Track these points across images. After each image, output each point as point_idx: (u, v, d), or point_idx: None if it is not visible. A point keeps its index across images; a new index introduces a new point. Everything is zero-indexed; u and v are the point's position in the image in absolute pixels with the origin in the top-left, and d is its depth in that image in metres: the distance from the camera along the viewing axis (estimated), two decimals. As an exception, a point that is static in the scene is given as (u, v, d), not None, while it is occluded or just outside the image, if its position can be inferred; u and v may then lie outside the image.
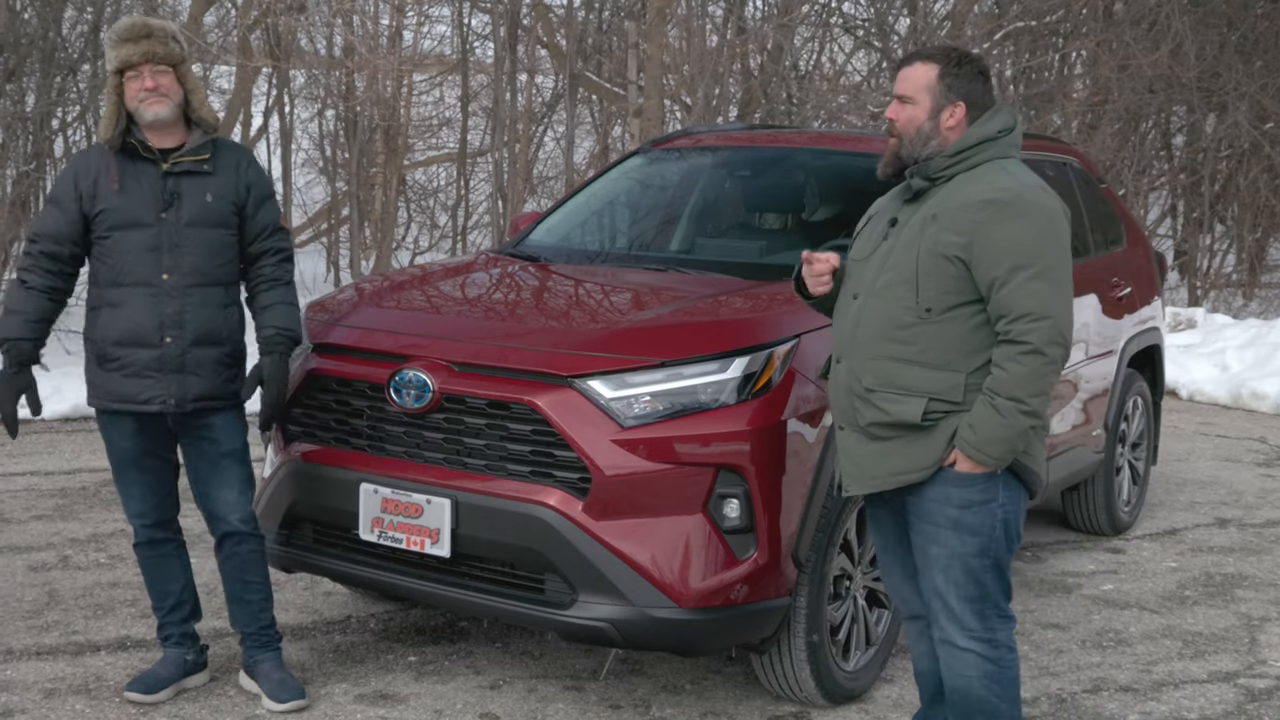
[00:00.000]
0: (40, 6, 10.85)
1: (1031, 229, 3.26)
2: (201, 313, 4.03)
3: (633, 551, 3.83)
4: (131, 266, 4.01)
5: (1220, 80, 13.55)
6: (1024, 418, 3.25)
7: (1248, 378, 10.17)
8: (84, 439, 7.89)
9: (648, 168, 6.00)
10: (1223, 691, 4.60)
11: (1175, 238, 15.20)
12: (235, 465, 4.17)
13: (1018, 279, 3.23)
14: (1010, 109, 3.53)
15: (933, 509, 3.40)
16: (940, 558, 3.42)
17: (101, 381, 4.08)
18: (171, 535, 4.30)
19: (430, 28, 18.66)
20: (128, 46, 3.97)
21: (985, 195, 3.30)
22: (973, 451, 3.29)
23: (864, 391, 3.40)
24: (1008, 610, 3.48)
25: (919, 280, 3.32)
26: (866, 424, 3.42)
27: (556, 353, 3.99)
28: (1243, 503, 7.20)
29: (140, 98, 3.98)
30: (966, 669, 3.45)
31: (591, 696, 4.39)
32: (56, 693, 4.28)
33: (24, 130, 10.99)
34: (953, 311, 3.31)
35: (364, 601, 5.22)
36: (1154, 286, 6.77)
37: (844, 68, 16.03)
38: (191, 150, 4.05)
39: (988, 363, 3.31)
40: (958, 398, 3.32)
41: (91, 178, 4.04)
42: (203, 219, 4.04)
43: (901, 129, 3.46)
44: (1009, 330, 3.25)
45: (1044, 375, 3.25)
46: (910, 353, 3.34)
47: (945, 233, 3.30)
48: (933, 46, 3.53)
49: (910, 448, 3.38)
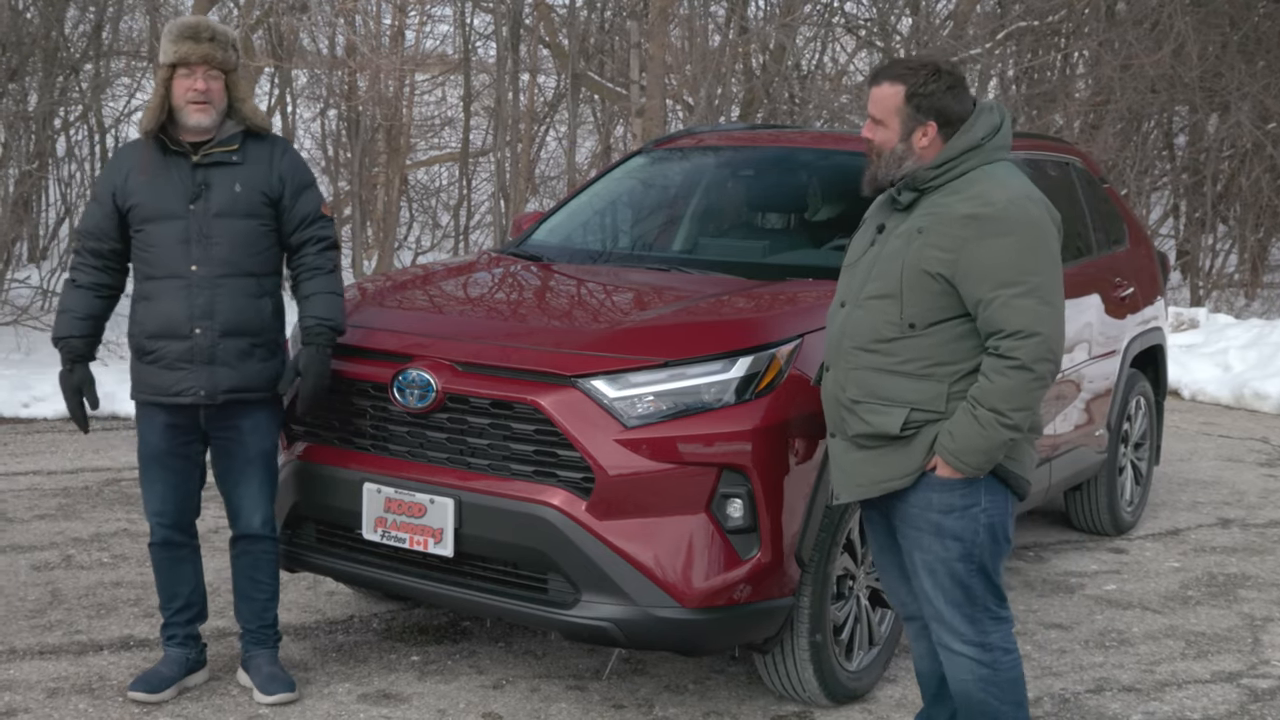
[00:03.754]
0: (43, 6, 10.85)
1: (1016, 245, 3.22)
2: (232, 304, 4.02)
3: (636, 551, 3.83)
4: (163, 259, 4.02)
5: (1222, 80, 13.53)
6: (1004, 430, 3.24)
7: (1250, 378, 10.16)
8: (86, 439, 7.88)
9: (650, 167, 6.00)
10: (1226, 692, 4.60)
11: (1177, 238, 15.19)
12: (260, 467, 4.17)
13: (1003, 296, 3.20)
14: (996, 106, 3.48)
15: (915, 514, 3.40)
16: (925, 563, 3.42)
17: (140, 374, 4.11)
18: (187, 540, 4.29)
19: (432, 27, 18.73)
20: (188, 44, 3.97)
21: (969, 210, 3.26)
22: (950, 459, 3.29)
23: (849, 403, 3.41)
24: (1001, 612, 3.46)
25: (903, 295, 3.30)
26: (852, 435, 3.43)
27: (560, 352, 3.99)
28: (1245, 503, 7.20)
29: (189, 98, 3.98)
30: (962, 673, 3.45)
31: (594, 696, 4.39)
32: (60, 692, 4.29)
33: (26, 130, 10.99)
34: (936, 326, 3.30)
35: (367, 601, 5.23)
36: (1157, 286, 6.77)
37: (846, 67, 16.04)
38: (221, 141, 4.05)
39: (971, 372, 3.30)
40: (940, 407, 3.31)
41: (124, 173, 4.07)
42: (231, 209, 4.03)
43: (877, 149, 3.43)
44: (998, 346, 3.23)
45: (1029, 390, 3.23)
46: (892, 363, 3.34)
47: (929, 249, 3.28)
48: (899, 62, 3.49)
49: (892, 455, 3.38)
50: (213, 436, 4.16)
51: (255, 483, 4.18)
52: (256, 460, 4.16)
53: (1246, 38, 13.89)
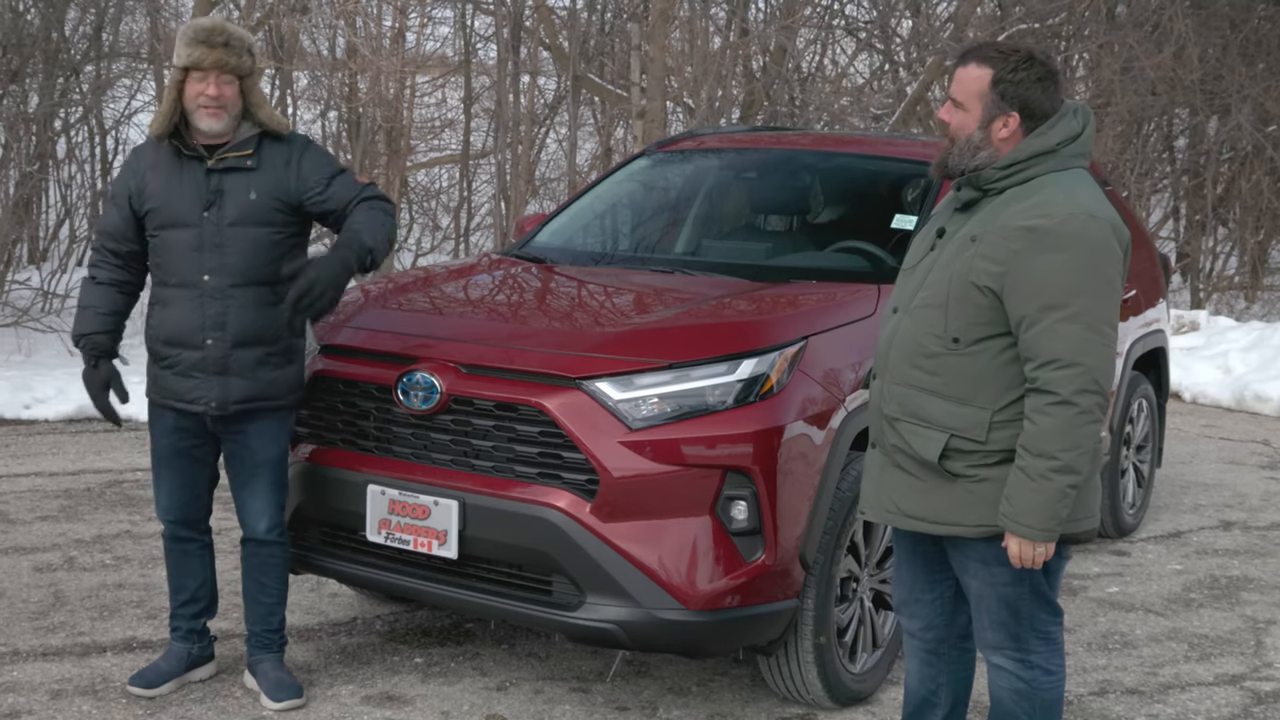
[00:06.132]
0: (43, 7, 10.85)
1: (1069, 264, 2.99)
2: (244, 314, 4.00)
3: (640, 553, 3.83)
4: (176, 266, 4.01)
5: (1223, 83, 13.53)
6: (1058, 477, 2.98)
7: (1251, 380, 10.16)
8: (88, 440, 7.88)
9: (653, 170, 6.00)
10: (1229, 694, 4.60)
11: (1178, 240, 15.18)
12: (269, 475, 4.16)
13: (1048, 320, 2.98)
14: (1081, 110, 3.22)
15: (960, 542, 3.24)
16: (972, 587, 3.28)
17: (155, 376, 4.12)
18: (196, 536, 4.30)
19: (433, 29, 18.71)
20: (201, 49, 3.91)
21: (1025, 221, 3.04)
22: (1010, 525, 3.06)
23: (889, 418, 3.25)
24: (1049, 629, 3.28)
25: (949, 306, 3.11)
26: (889, 446, 3.27)
27: (564, 354, 3.99)
28: (1247, 505, 7.20)
29: (201, 103, 3.94)
30: (1000, 681, 3.34)
31: (598, 698, 4.39)
32: (63, 693, 4.29)
33: (27, 131, 11.00)
34: (981, 344, 3.10)
35: (370, 603, 5.22)
36: (1159, 289, 6.77)
37: (846, 70, 16.04)
38: (235, 145, 4.01)
39: (1015, 402, 3.09)
40: (980, 436, 3.10)
41: (140, 176, 4.05)
42: (244, 218, 3.99)
43: (953, 134, 3.19)
44: (1035, 377, 3.01)
45: (1077, 427, 2.98)
46: (935, 384, 3.15)
47: (980, 259, 3.08)
48: (991, 44, 3.22)
49: (936, 495, 3.18)
50: (223, 441, 4.17)
51: (262, 488, 4.17)
52: (265, 466, 4.15)
53: (1247, 40, 13.89)
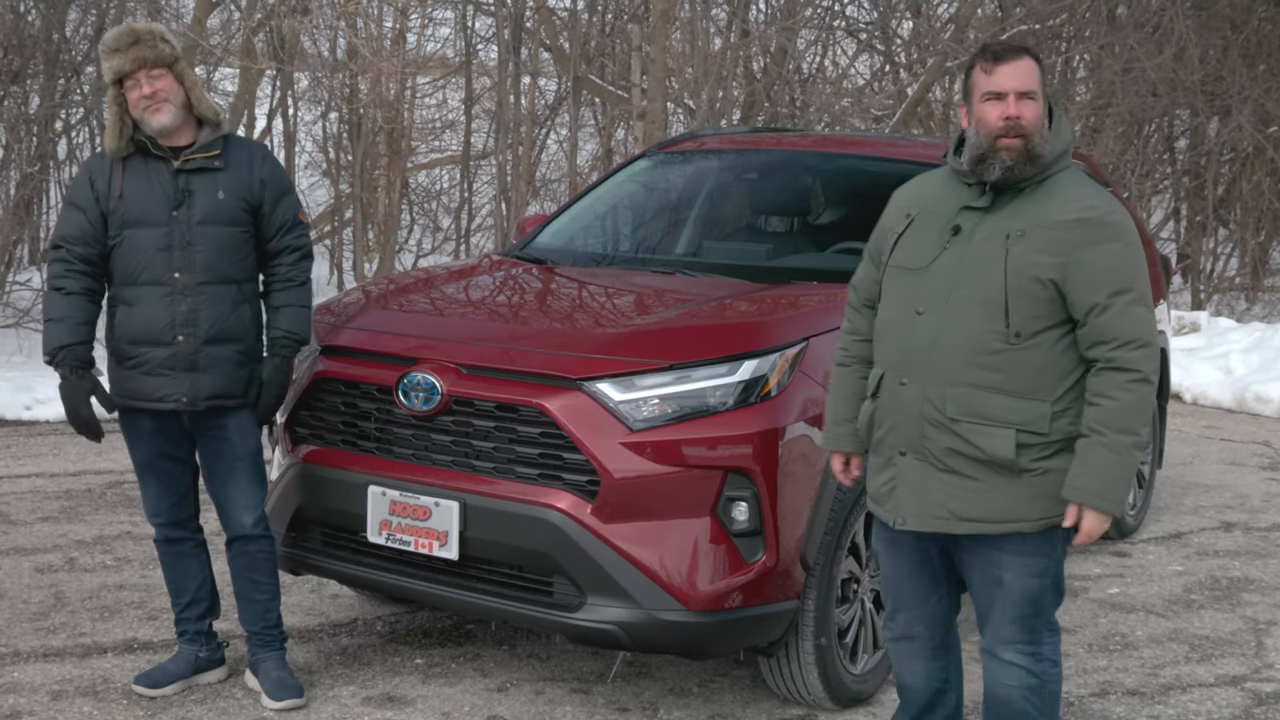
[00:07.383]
0: (44, 8, 10.85)
1: (1124, 251, 3.14)
2: (214, 311, 4.03)
3: (641, 554, 3.83)
4: (144, 265, 4.01)
5: (1224, 84, 13.53)
6: (1136, 452, 3.11)
7: (1252, 381, 10.16)
8: (88, 441, 7.88)
9: (654, 171, 6.00)
10: (1230, 695, 4.59)
11: (1178, 241, 15.18)
12: (248, 467, 4.18)
13: (1120, 303, 3.10)
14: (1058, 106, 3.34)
15: (997, 539, 3.26)
16: (1003, 581, 3.28)
17: (119, 379, 4.11)
18: (189, 535, 4.32)
19: (434, 30, 18.71)
20: (118, 56, 3.97)
21: (1076, 214, 3.14)
22: (1095, 501, 3.10)
23: (947, 421, 3.19)
24: (1055, 623, 3.37)
25: (1009, 303, 3.14)
26: (942, 451, 3.22)
27: (565, 355, 3.99)
28: (1248, 506, 7.20)
29: (142, 106, 3.98)
30: (1010, 679, 3.35)
31: (599, 699, 4.39)
32: (64, 694, 4.29)
33: (28, 132, 11.00)
34: (1039, 336, 3.15)
35: (371, 604, 5.22)
36: (1160, 290, 6.77)
37: (847, 71, 16.04)
38: (203, 147, 4.05)
39: (1068, 391, 3.16)
40: (1043, 429, 3.15)
41: (105, 178, 4.06)
42: (214, 217, 4.03)
43: (1030, 127, 3.16)
44: (1114, 357, 3.10)
45: (1150, 402, 3.13)
46: (996, 380, 3.16)
47: (1037, 253, 3.13)
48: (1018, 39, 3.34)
49: (994, 494, 3.19)
50: (198, 438, 4.17)
51: (243, 482, 4.18)
52: (243, 460, 4.17)
53: (1248, 41, 13.88)
